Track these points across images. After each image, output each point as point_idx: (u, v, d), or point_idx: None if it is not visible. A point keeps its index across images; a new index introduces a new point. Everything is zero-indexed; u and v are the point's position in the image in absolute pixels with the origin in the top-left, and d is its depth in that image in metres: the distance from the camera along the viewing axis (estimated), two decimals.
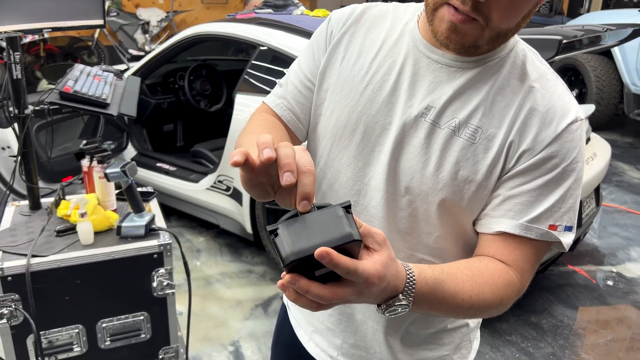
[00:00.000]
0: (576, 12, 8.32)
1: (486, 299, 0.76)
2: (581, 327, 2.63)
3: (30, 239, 1.59)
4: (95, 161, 1.73)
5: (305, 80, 0.95)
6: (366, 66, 0.88)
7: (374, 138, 0.86)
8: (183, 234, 3.39)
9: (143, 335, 1.66)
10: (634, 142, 5.69)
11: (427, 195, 0.83)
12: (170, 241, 1.62)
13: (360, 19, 0.92)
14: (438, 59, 0.83)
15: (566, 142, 0.78)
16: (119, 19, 7.56)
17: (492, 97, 0.80)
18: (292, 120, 0.95)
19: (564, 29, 2.45)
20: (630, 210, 3.99)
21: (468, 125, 0.80)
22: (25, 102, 1.67)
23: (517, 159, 0.79)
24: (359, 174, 0.88)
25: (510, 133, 0.79)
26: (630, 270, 3.15)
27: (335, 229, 0.57)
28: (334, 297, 0.59)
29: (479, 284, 0.75)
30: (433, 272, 0.71)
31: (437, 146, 0.81)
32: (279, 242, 0.58)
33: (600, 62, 5.54)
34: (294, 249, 0.57)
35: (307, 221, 0.58)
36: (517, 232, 0.79)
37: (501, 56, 0.82)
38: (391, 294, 0.65)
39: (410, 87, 0.84)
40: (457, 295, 0.73)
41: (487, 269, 0.78)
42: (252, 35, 2.97)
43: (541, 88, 0.81)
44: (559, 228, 0.80)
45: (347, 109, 0.88)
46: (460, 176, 0.80)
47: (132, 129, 3.55)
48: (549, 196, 0.79)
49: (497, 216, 0.81)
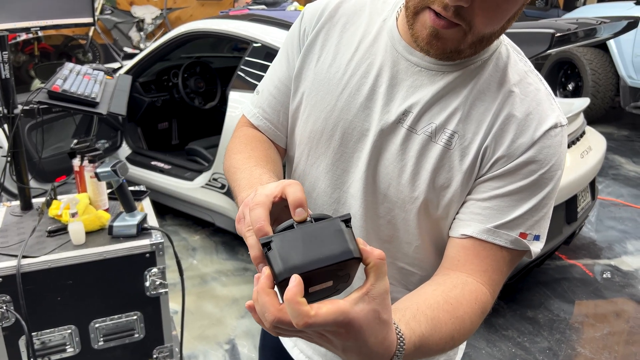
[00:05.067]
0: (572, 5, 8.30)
1: (465, 330, 0.72)
2: (578, 321, 2.63)
3: (21, 239, 1.58)
4: (86, 160, 1.71)
5: (280, 84, 0.92)
6: (342, 68, 0.84)
7: (352, 144, 0.83)
8: (178, 233, 3.38)
9: (137, 335, 1.65)
10: (630, 135, 5.69)
11: (404, 203, 0.80)
12: (162, 240, 1.61)
13: (335, 15, 0.87)
14: (417, 62, 0.79)
15: (544, 148, 0.75)
16: (114, 17, 7.52)
17: (471, 101, 0.77)
18: (269, 129, 0.93)
19: (558, 22, 2.43)
20: (627, 203, 3.99)
21: (444, 130, 0.77)
22: (14, 101, 1.66)
23: (491, 165, 0.76)
24: (338, 181, 0.85)
25: (487, 138, 0.76)
26: (627, 263, 3.15)
27: (334, 244, 0.53)
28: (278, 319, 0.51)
29: (459, 317, 0.71)
30: (420, 328, 0.64)
31: (413, 152, 0.78)
32: (272, 256, 0.53)
33: (596, 55, 5.53)
34: (288, 265, 0.52)
35: (303, 234, 0.54)
36: (484, 237, 0.76)
37: (483, 59, 0.78)
38: None
39: (388, 91, 0.80)
40: (441, 341, 0.68)
41: (464, 297, 0.73)
42: (245, 31, 2.96)
43: (520, 93, 0.77)
44: (529, 237, 0.77)
45: (323, 113, 0.84)
46: (436, 183, 0.78)
47: (127, 128, 3.54)
48: (523, 203, 0.76)
49: (466, 219, 0.78)
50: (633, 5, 5.48)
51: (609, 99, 5.62)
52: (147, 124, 3.74)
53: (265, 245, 0.54)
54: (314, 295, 0.56)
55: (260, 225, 0.55)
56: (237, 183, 0.80)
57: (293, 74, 0.89)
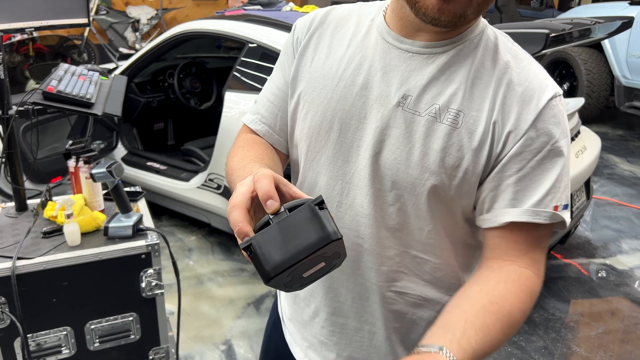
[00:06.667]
0: (567, 5, 8.32)
1: (515, 322, 0.75)
2: (573, 319, 2.63)
3: (16, 240, 1.57)
4: (81, 161, 1.71)
5: (277, 90, 0.94)
6: (336, 63, 0.87)
7: (351, 134, 0.84)
8: (174, 233, 3.38)
9: (132, 336, 1.65)
10: (624, 135, 5.71)
11: (415, 186, 0.80)
12: (158, 241, 1.60)
13: (325, 21, 0.91)
14: (408, 48, 0.81)
15: (550, 118, 0.77)
16: (109, 17, 7.50)
17: (471, 80, 0.79)
18: (267, 132, 0.95)
19: (552, 23, 2.44)
20: (622, 202, 4.00)
21: (449, 110, 0.78)
22: (9, 102, 1.65)
23: (504, 141, 0.77)
24: (339, 172, 0.86)
25: (493, 114, 0.78)
26: (622, 262, 3.16)
27: (311, 231, 0.54)
28: None
29: (506, 315, 0.74)
30: (471, 343, 0.68)
31: (420, 134, 0.79)
32: (255, 258, 0.54)
33: (591, 55, 5.55)
34: (273, 264, 0.53)
35: (280, 228, 0.54)
36: (525, 219, 0.77)
37: (471, 38, 0.81)
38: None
39: (383, 78, 0.82)
40: (492, 343, 0.71)
41: (508, 291, 0.76)
42: (241, 32, 2.96)
43: (516, 67, 0.79)
44: (559, 208, 0.79)
45: (320, 107, 0.86)
46: (446, 163, 0.78)
47: (122, 128, 3.52)
48: (547, 177, 0.78)
49: (500, 207, 0.79)
50: (627, 5, 5.50)
51: (603, 99, 5.64)
52: (142, 124, 3.73)
53: (246, 249, 0.55)
54: (311, 277, 0.58)
55: (238, 227, 0.58)
56: (233, 183, 0.82)
57: (289, 79, 0.92)
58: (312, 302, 0.96)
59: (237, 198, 0.60)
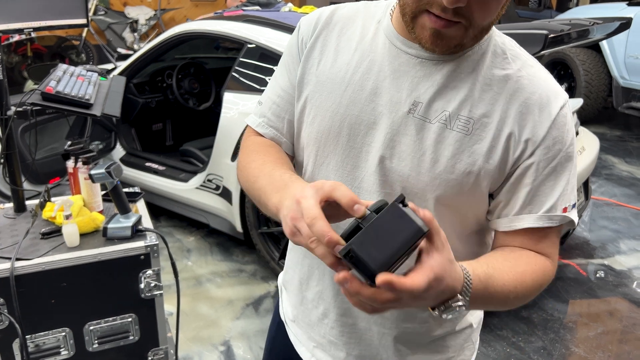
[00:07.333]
0: (565, 6, 8.34)
1: (528, 287, 0.78)
2: (571, 320, 2.64)
3: (15, 241, 1.57)
4: (80, 162, 1.71)
5: (282, 93, 0.93)
6: (344, 67, 0.85)
7: (360, 139, 0.84)
8: (173, 234, 3.38)
9: (131, 337, 1.65)
10: (622, 135, 5.73)
11: (425, 192, 0.81)
12: (157, 242, 1.60)
13: (330, 21, 0.90)
14: (417, 54, 0.81)
15: (562, 126, 0.79)
16: (107, 18, 7.50)
17: (481, 86, 0.79)
18: (275, 136, 0.94)
19: (551, 24, 2.45)
20: (620, 203, 4.01)
21: (459, 116, 0.79)
22: (7, 103, 1.65)
23: (522, 149, 0.79)
24: (348, 177, 0.86)
25: (506, 121, 0.78)
26: (620, 262, 3.17)
27: (403, 228, 0.58)
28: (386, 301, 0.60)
29: (520, 272, 0.77)
30: (482, 267, 0.73)
31: (430, 141, 0.79)
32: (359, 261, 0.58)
33: (589, 56, 5.56)
34: (379, 263, 0.57)
35: (374, 230, 0.58)
36: (540, 225, 0.81)
37: (479, 44, 0.81)
38: (449, 295, 0.66)
39: (392, 84, 0.82)
40: (504, 287, 0.75)
41: (521, 257, 0.81)
42: (239, 32, 2.96)
43: (527, 75, 0.80)
44: (568, 208, 0.82)
45: (329, 112, 0.85)
46: (457, 169, 0.79)
47: (121, 129, 3.52)
48: (559, 182, 0.80)
49: (516, 213, 0.82)
50: (625, 6, 5.52)
51: (601, 100, 5.65)
52: (141, 125, 3.72)
53: (346, 255, 0.59)
54: (400, 269, 0.62)
55: (328, 237, 0.60)
56: (262, 190, 0.81)
57: (295, 81, 0.90)
58: (321, 303, 0.96)
59: (314, 211, 0.62)
